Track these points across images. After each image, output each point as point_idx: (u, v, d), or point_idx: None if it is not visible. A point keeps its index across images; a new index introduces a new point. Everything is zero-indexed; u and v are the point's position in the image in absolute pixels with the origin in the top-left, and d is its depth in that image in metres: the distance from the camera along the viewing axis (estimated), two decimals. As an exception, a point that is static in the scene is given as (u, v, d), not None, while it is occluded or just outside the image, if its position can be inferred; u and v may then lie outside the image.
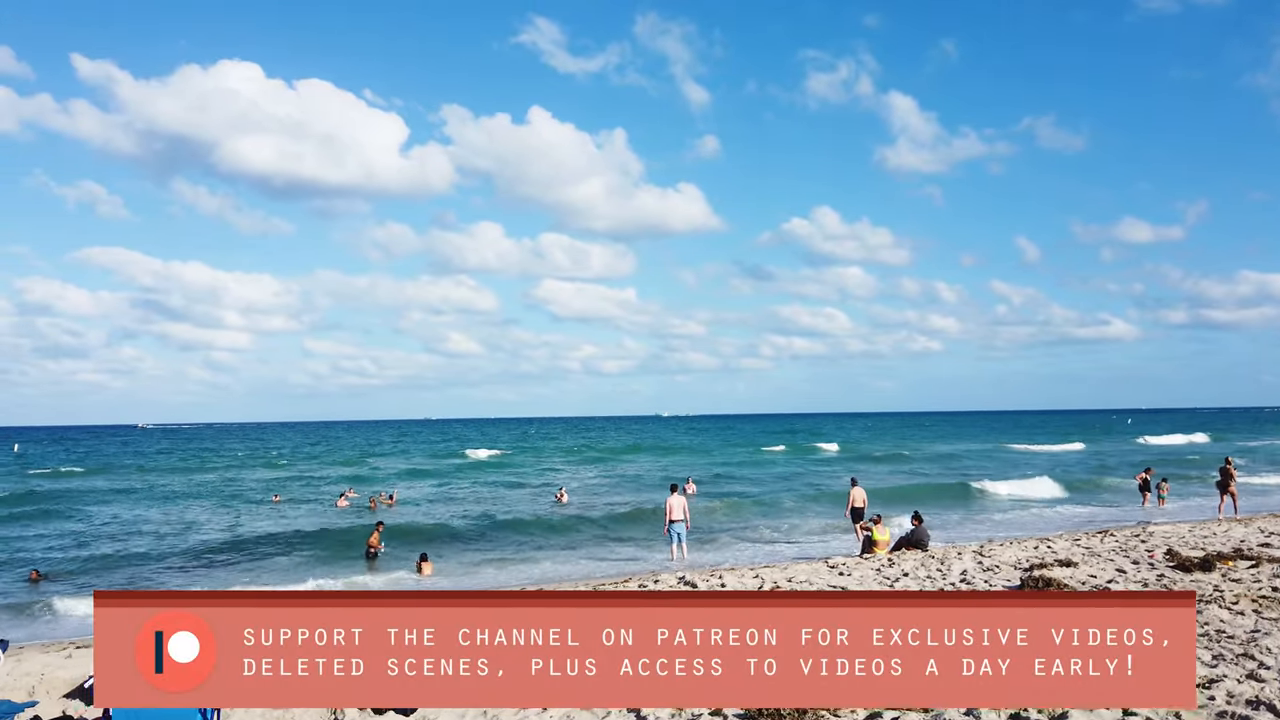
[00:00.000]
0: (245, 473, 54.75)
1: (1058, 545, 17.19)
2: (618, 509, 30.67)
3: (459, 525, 27.69)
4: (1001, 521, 26.50)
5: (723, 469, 52.72)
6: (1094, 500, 33.29)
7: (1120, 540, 17.31)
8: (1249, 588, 11.35)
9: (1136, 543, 16.80)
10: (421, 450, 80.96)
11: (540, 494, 37.44)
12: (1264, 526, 19.67)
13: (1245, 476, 36.12)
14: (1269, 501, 30.72)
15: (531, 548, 23.40)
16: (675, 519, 19.64)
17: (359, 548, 22.33)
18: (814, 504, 31.97)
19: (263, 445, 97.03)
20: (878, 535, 18.64)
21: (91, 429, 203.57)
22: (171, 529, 28.06)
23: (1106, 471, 44.99)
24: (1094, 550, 16.00)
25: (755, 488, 40.56)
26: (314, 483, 46.79)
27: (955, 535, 23.20)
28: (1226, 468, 24.84)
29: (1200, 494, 32.98)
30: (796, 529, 25.40)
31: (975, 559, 15.52)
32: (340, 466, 59.91)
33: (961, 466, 50.83)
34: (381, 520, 23.53)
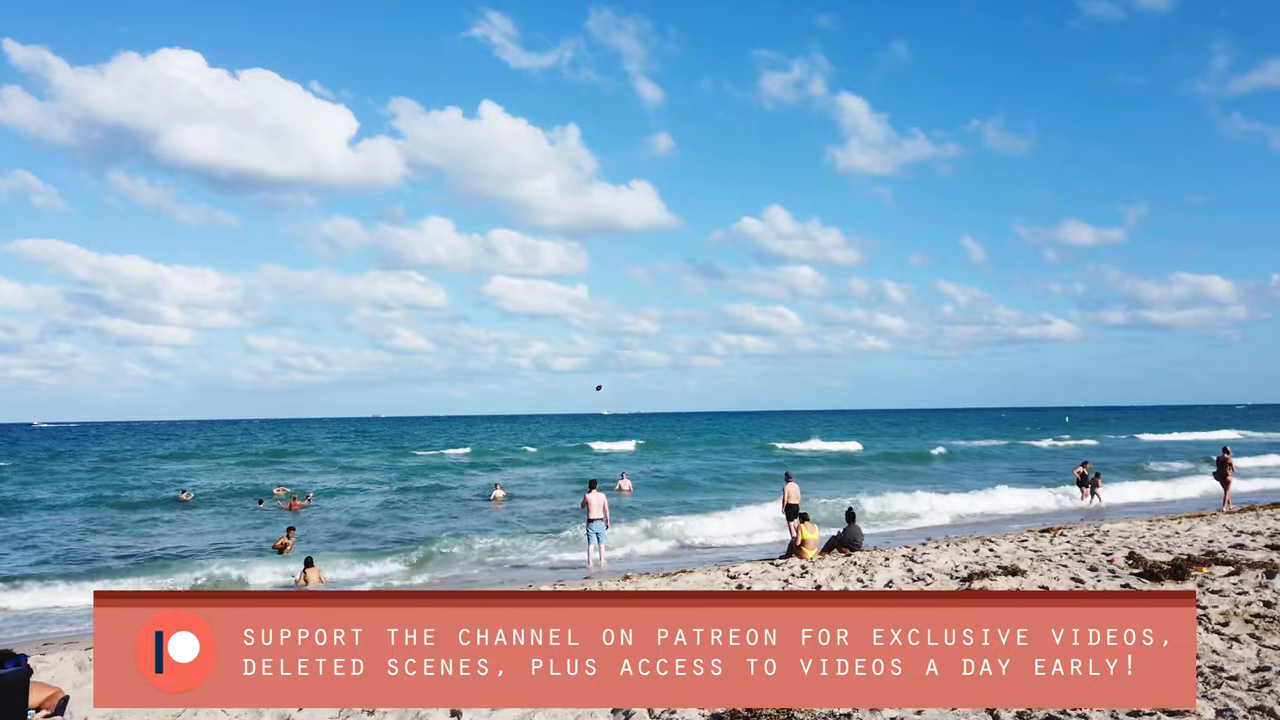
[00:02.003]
0: (153, 467, 51.80)
1: (1001, 547, 15.49)
2: (549, 509, 29.72)
3: (373, 527, 26.11)
4: (938, 522, 25.55)
5: (666, 465, 51.66)
6: (1031, 492, 32.91)
7: (1072, 541, 15.80)
8: (1235, 602, 9.67)
9: (1091, 544, 15.23)
10: (358, 448, 77.56)
11: (476, 494, 35.69)
12: (1230, 524, 17.71)
13: (1175, 466, 36.72)
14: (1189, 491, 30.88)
15: (446, 551, 21.37)
16: (594, 517, 18.40)
17: (270, 554, 20.59)
18: (753, 501, 30.52)
19: (175, 440, 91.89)
20: (806, 534, 17.32)
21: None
22: (47, 530, 25.75)
23: (1041, 466, 45.26)
24: (1044, 554, 14.29)
25: (697, 483, 39.47)
26: (231, 480, 44.00)
27: (897, 531, 22.36)
28: (1225, 458, 24.78)
29: (1134, 485, 32.82)
30: (728, 529, 24.21)
31: (905, 565, 13.91)
32: (253, 466, 56.51)
33: (906, 466, 49.62)
34: (293, 526, 21.85)
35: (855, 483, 36.78)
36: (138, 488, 40.17)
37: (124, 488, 40.14)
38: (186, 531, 25.61)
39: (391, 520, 28.06)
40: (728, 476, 43.30)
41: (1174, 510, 24.39)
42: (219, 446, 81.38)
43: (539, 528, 25.04)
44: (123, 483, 42.76)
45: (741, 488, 36.84)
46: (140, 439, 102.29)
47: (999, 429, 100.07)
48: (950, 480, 37.57)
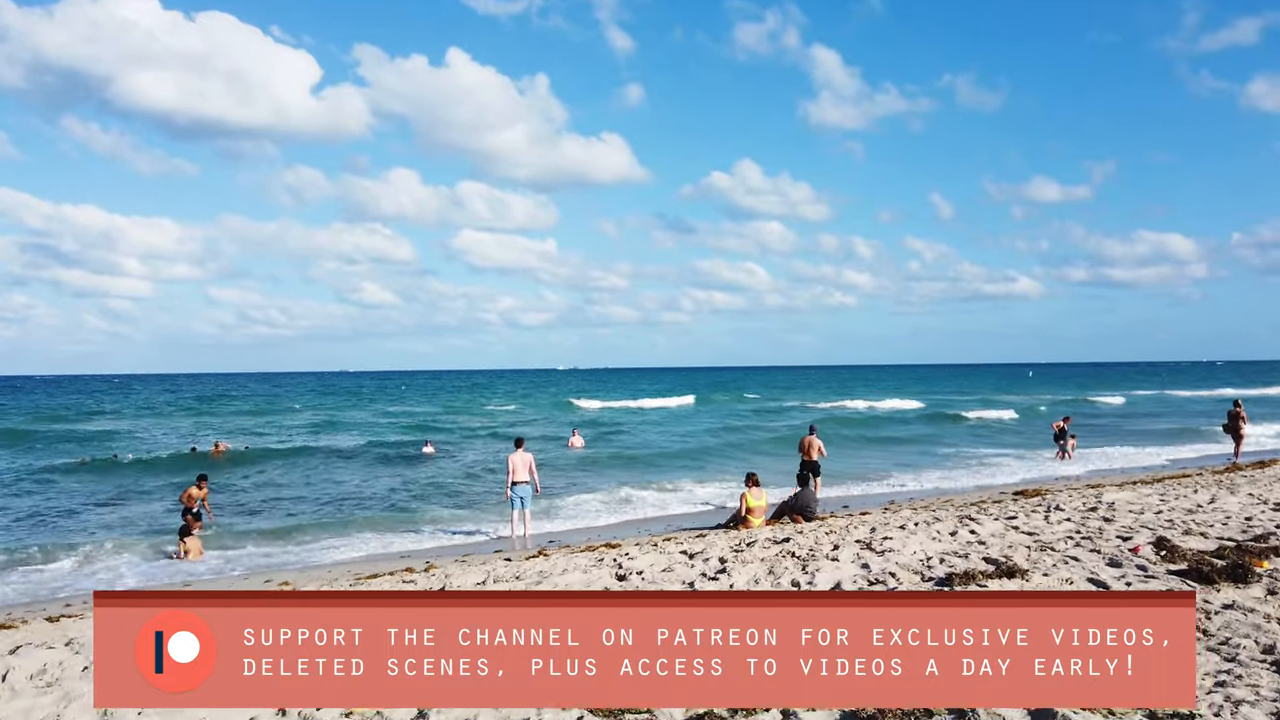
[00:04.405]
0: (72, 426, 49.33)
1: (985, 528, 12.04)
2: (480, 466, 28.45)
3: (284, 487, 24.23)
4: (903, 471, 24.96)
5: (622, 420, 49.91)
6: (1002, 447, 32.69)
7: (1074, 519, 12.45)
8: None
9: (1099, 522, 12.04)
10: (301, 400, 76.28)
11: (406, 450, 33.76)
12: (1258, 492, 14.68)
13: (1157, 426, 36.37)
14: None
15: (357, 514, 20.04)
16: (519, 479, 16.54)
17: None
18: (712, 461, 29.25)
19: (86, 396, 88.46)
20: (751, 501, 15.00)
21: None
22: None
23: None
24: (1042, 539, 10.96)
25: (657, 441, 37.67)
26: (159, 433, 42.63)
27: (862, 495, 20.64)
28: (1236, 410, 24.43)
29: (1105, 444, 32.57)
30: (677, 492, 22.72)
31: (858, 556, 10.49)
32: (187, 416, 55.79)
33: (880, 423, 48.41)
34: (205, 474, 19.00)
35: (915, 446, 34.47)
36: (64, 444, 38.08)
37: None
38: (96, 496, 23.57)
39: (303, 480, 25.98)
40: (694, 435, 40.70)
41: (1164, 470, 23.53)
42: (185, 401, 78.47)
43: (467, 488, 23.84)
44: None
45: (705, 447, 34.71)
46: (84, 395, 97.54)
47: (973, 385, 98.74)
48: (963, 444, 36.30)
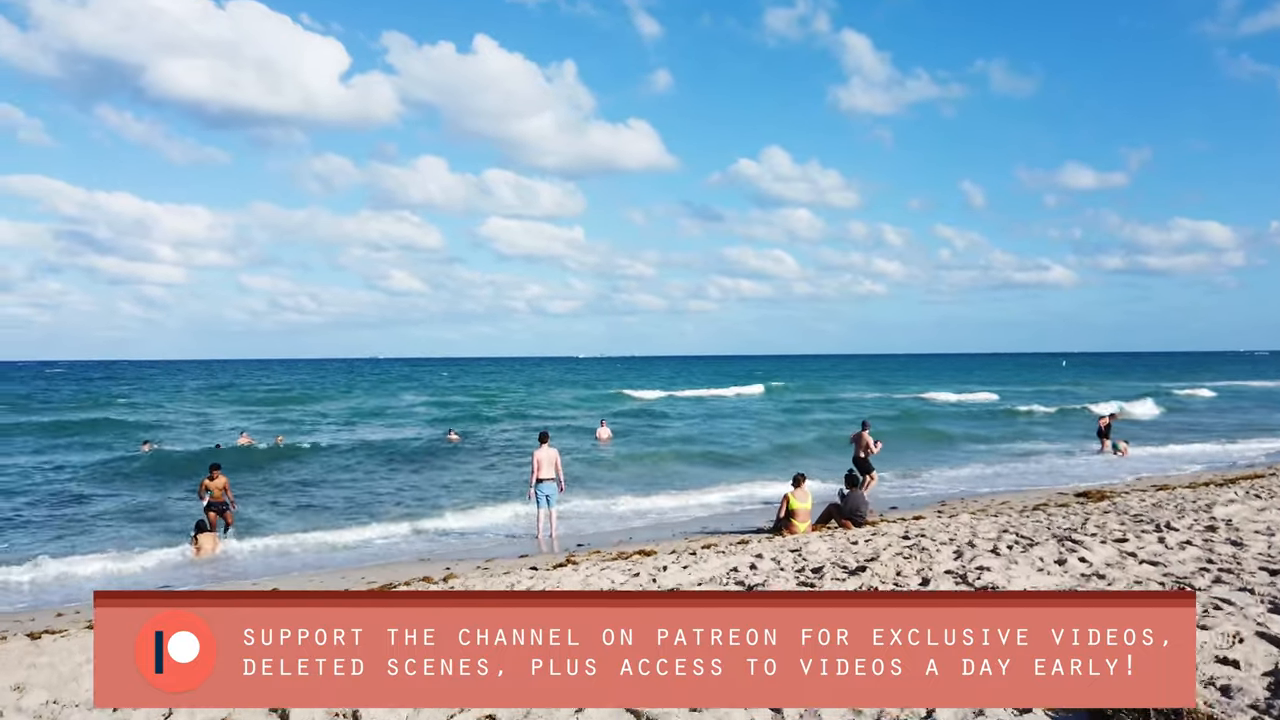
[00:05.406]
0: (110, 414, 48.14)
1: (1095, 554, 8.72)
2: (506, 459, 27.99)
3: (306, 481, 23.74)
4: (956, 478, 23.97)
5: (653, 409, 48.43)
6: (1021, 446, 31.26)
7: (1195, 541, 8.99)
8: None
9: (1228, 547, 8.61)
10: (333, 389, 76.28)
11: (433, 443, 33.20)
12: None
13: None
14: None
15: (377, 510, 19.77)
16: (544, 477, 15.98)
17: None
18: (752, 458, 28.09)
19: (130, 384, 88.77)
20: (795, 504, 14.25)
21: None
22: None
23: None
24: (1172, 572, 7.85)
25: (691, 433, 36.32)
26: (203, 427, 41.66)
27: (920, 495, 19.84)
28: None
29: (1154, 442, 30.99)
30: (712, 490, 21.58)
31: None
32: (236, 405, 55.40)
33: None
34: (218, 463, 18.46)
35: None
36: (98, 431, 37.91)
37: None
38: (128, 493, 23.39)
39: (335, 471, 25.67)
40: (727, 427, 38.99)
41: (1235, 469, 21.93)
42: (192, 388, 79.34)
43: (494, 483, 23.49)
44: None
45: (744, 440, 33.35)
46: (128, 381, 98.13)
47: (999, 375, 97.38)
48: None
